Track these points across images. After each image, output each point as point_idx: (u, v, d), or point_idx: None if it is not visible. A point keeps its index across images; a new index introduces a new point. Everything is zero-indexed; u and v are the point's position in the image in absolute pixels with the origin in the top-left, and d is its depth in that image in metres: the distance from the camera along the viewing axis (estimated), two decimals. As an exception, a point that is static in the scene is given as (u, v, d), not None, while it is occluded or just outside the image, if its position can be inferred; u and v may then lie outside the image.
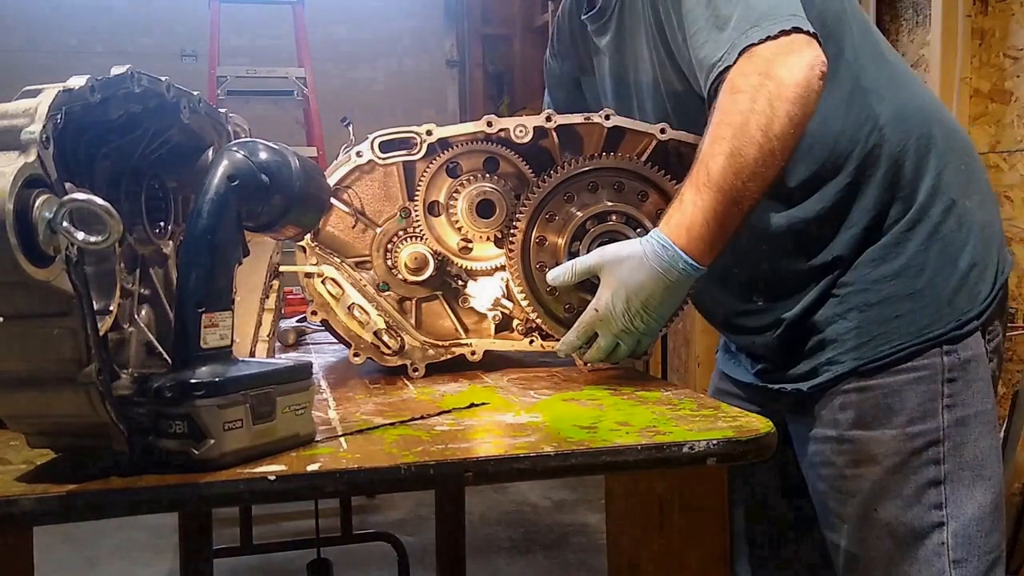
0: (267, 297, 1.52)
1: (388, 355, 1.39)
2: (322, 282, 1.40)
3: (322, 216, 1.29)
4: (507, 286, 1.41)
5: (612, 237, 1.31)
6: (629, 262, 1.20)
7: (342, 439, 1.00)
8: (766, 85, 1.14)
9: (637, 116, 1.42)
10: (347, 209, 1.41)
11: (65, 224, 0.75)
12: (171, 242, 1.09)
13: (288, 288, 2.10)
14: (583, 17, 1.54)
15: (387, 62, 6.63)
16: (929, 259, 1.33)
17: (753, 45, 1.16)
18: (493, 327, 1.43)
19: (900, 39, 3.36)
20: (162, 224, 1.08)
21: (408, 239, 1.41)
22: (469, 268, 1.41)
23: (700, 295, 1.45)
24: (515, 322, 1.43)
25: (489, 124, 1.38)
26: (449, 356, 1.41)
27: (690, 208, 1.17)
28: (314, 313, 1.40)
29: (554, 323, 1.38)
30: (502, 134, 1.38)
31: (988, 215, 1.41)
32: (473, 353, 1.41)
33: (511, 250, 1.36)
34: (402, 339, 1.39)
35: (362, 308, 1.40)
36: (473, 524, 3.39)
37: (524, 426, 1.06)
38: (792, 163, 1.26)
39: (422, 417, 1.10)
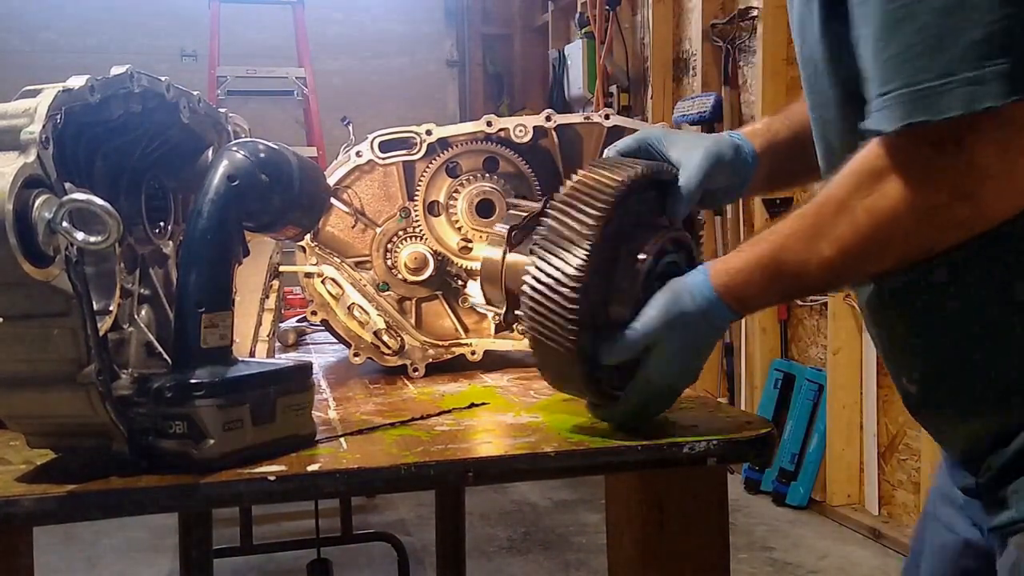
0: (267, 297, 1.52)
1: (388, 355, 1.39)
2: (322, 282, 1.40)
3: (322, 216, 1.29)
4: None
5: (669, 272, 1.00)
6: (690, 319, 0.96)
7: (342, 439, 1.00)
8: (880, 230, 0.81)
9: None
10: (347, 209, 1.41)
11: (65, 224, 0.75)
12: (171, 242, 1.09)
13: (288, 288, 2.10)
14: None
15: (387, 62, 6.63)
16: None
17: (919, 126, 0.74)
18: (493, 327, 1.43)
19: None
20: (162, 224, 1.08)
21: (408, 239, 1.41)
22: (469, 268, 1.41)
23: None
24: (515, 322, 1.43)
25: (489, 124, 1.38)
26: (449, 356, 1.41)
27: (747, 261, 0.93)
28: (314, 313, 1.40)
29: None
30: (502, 134, 1.38)
31: None
32: (473, 353, 1.41)
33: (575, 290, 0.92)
34: (402, 339, 1.39)
35: (362, 308, 1.40)
36: (473, 524, 3.39)
37: (524, 426, 1.06)
38: None
39: (422, 417, 1.10)
